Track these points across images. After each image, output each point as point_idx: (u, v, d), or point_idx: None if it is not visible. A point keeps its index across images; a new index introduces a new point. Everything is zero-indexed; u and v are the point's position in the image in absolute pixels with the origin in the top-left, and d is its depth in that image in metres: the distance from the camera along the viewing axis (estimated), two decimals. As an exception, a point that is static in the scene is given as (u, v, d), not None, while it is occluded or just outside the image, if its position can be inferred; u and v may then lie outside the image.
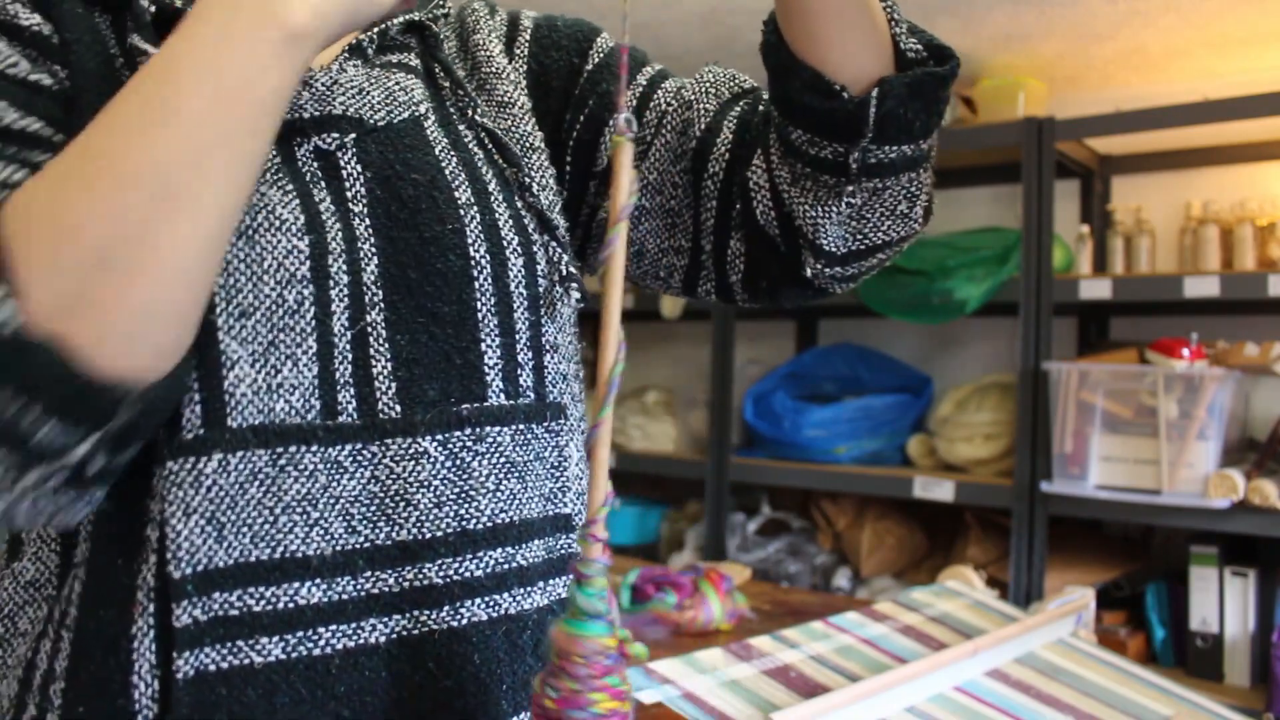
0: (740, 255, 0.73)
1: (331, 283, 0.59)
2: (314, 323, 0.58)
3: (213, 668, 0.53)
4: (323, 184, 0.61)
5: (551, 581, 0.65)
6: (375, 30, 0.69)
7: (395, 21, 0.70)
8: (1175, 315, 2.22)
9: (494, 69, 0.73)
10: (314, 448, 0.57)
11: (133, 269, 0.47)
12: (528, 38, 0.77)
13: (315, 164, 0.62)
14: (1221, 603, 1.90)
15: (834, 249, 0.69)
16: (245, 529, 0.55)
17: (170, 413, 0.54)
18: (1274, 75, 2.15)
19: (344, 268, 0.60)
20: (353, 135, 0.64)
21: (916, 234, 0.71)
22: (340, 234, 0.60)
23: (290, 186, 0.60)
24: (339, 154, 0.63)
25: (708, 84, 0.75)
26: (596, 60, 0.77)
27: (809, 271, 0.70)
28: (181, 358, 0.52)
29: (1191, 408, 1.84)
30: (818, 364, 2.53)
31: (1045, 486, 1.96)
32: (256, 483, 0.56)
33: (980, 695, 1.11)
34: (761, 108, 0.73)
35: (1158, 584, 2.03)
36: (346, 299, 0.59)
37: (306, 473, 0.57)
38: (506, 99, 0.72)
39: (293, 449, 0.57)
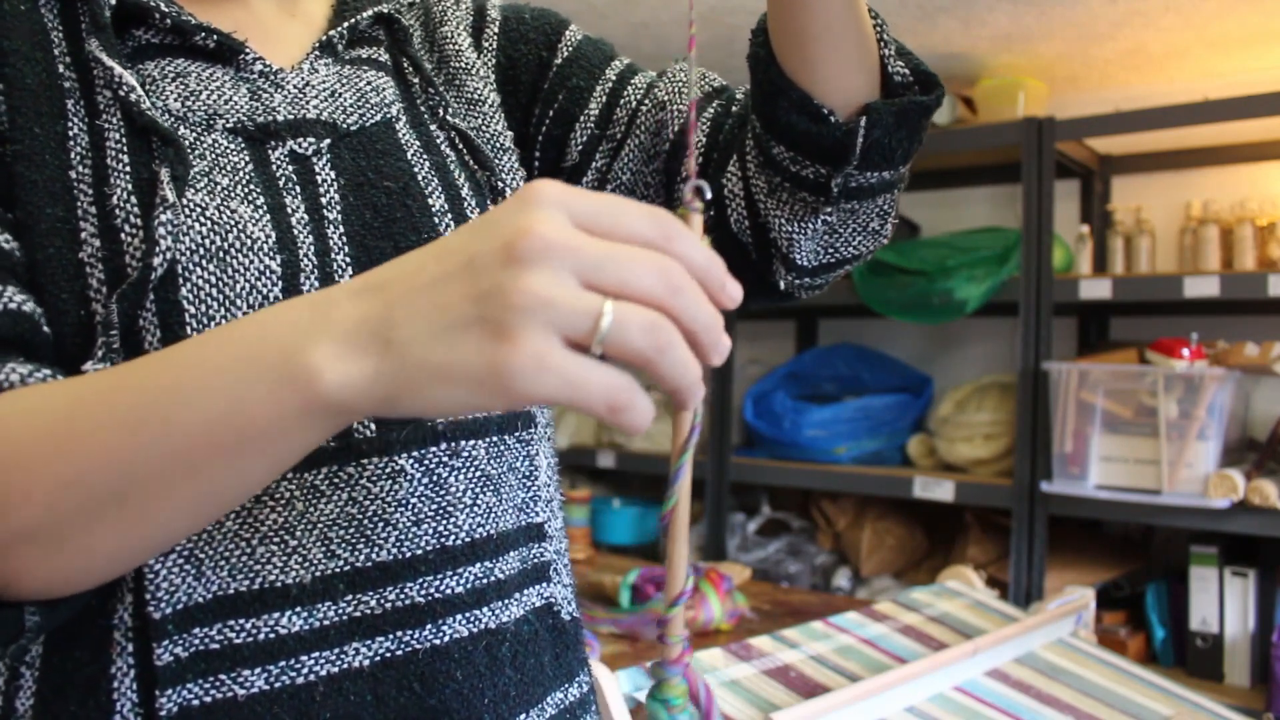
0: None
1: None
2: None
3: (196, 702, 0.53)
4: (297, 190, 0.59)
5: (526, 592, 0.64)
6: (346, 25, 0.67)
7: (364, 15, 0.69)
8: (1175, 315, 2.22)
9: (463, 64, 0.72)
10: (289, 475, 0.56)
11: (56, 550, 0.47)
12: (496, 30, 0.76)
13: (290, 168, 0.60)
14: (1221, 603, 1.90)
15: (805, 263, 0.70)
16: (223, 562, 0.54)
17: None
18: (1274, 75, 2.15)
19: (316, 285, 0.58)
20: (327, 140, 0.62)
21: (882, 247, 0.72)
22: (313, 248, 0.58)
23: (261, 200, 0.58)
24: (314, 159, 0.61)
25: (680, 84, 0.74)
26: (565, 54, 0.76)
27: (781, 284, 0.71)
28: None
29: (1191, 408, 1.84)
30: (818, 364, 2.53)
31: (1045, 486, 1.96)
32: (233, 515, 0.54)
33: (980, 695, 1.11)
34: (735, 109, 0.72)
35: (1158, 584, 2.03)
36: None
37: (283, 501, 0.55)
38: (476, 96, 0.71)
39: None
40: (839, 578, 2.36)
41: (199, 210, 0.55)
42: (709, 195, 0.48)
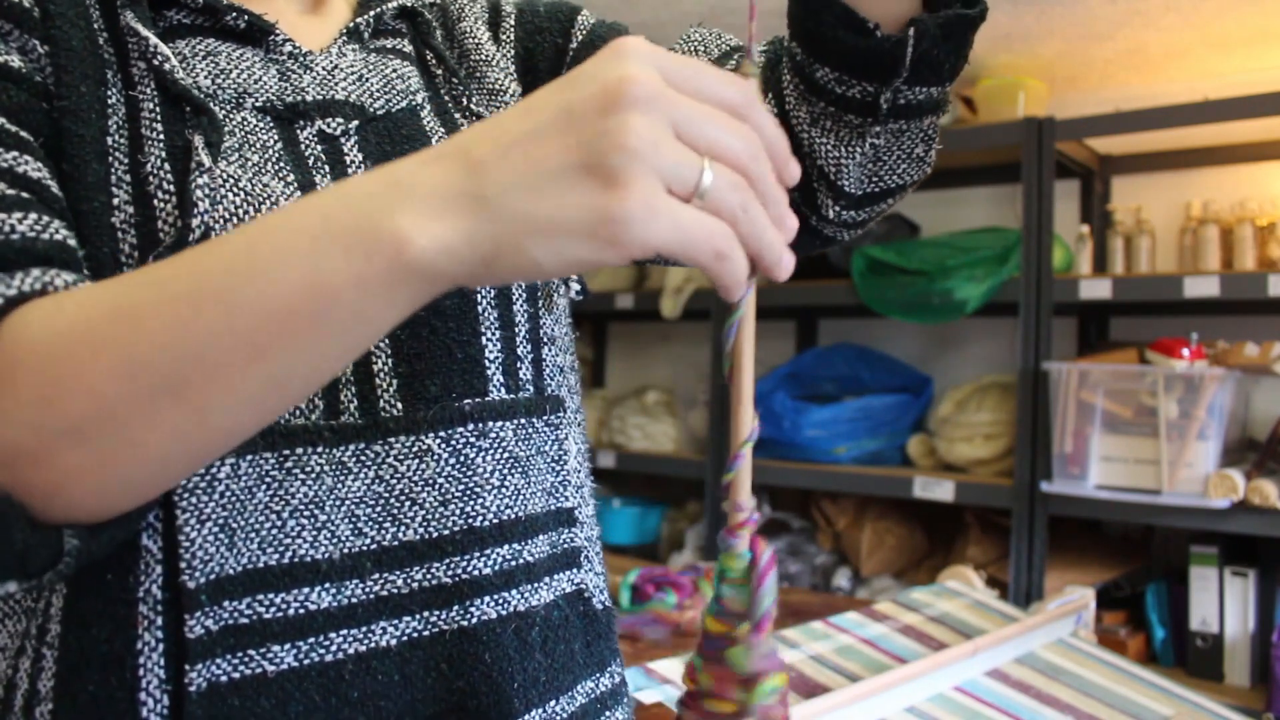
0: None
1: None
2: None
3: (225, 679, 0.52)
4: (326, 169, 0.60)
5: (556, 576, 0.64)
6: (372, 14, 0.69)
7: (389, 7, 0.70)
8: (1175, 315, 2.22)
9: (483, 56, 0.73)
10: (319, 449, 0.56)
11: (104, 450, 0.43)
12: (512, 23, 0.77)
13: (319, 148, 0.61)
14: (1221, 603, 1.90)
15: (853, 190, 0.68)
16: (254, 534, 0.54)
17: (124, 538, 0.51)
18: (1274, 75, 2.15)
19: None
20: (355, 122, 0.63)
21: (925, 177, 0.71)
22: None
23: (291, 176, 0.59)
24: (342, 139, 0.62)
25: (696, 43, 0.75)
26: (580, 39, 0.77)
27: (830, 213, 0.70)
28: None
29: (1191, 408, 1.84)
30: (818, 364, 2.53)
31: (1045, 486, 1.96)
32: (264, 486, 0.54)
33: (980, 695, 1.11)
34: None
35: (1158, 584, 2.03)
36: None
37: (313, 475, 0.55)
38: (498, 86, 0.72)
39: (299, 451, 0.55)
40: (839, 578, 2.36)
41: (232, 180, 0.56)
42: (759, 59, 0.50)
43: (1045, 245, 2.04)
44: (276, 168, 0.58)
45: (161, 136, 0.56)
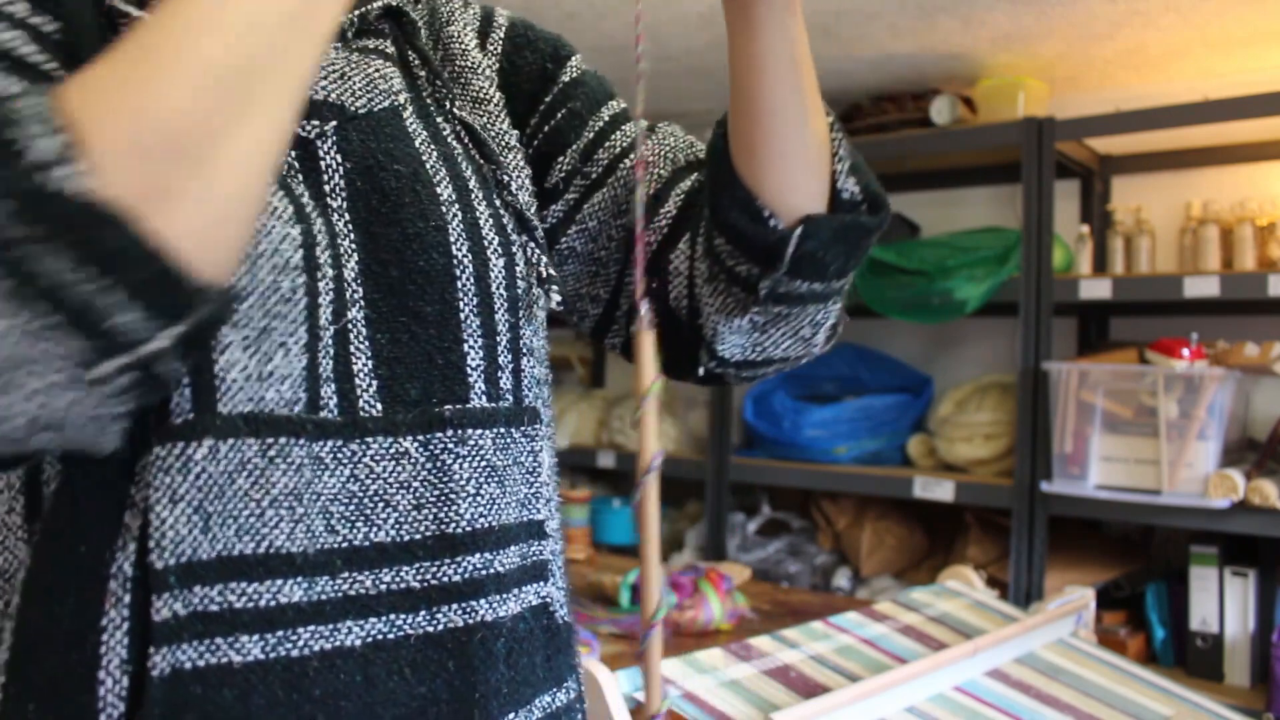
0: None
1: (320, 273, 0.57)
2: (304, 312, 0.57)
3: (189, 665, 0.52)
4: (300, 176, 0.60)
5: (524, 589, 0.64)
6: (355, 14, 0.68)
7: (374, 6, 0.69)
8: (1175, 315, 2.22)
9: (469, 63, 0.73)
10: (302, 441, 0.56)
11: (211, 162, 0.45)
12: (501, 35, 0.77)
13: (293, 153, 0.60)
14: (1221, 603, 1.91)
15: (729, 355, 0.71)
16: (231, 521, 0.54)
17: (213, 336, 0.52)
18: (1274, 75, 2.15)
19: (329, 260, 0.58)
20: (333, 123, 0.63)
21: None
22: (323, 226, 0.59)
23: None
24: (318, 143, 0.61)
25: (666, 147, 0.75)
26: (573, 75, 0.76)
27: (701, 369, 0.72)
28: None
29: (1191, 408, 1.84)
30: (818, 364, 2.53)
31: (1045, 486, 1.96)
32: (245, 473, 0.54)
33: (980, 695, 1.11)
34: None
35: (1158, 584, 2.03)
36: (332, 292, 0.58)
37: (294, 467, 0.55)
38: (482, 94, 0.72)
39: (283, 441, 0.55)
40: (839, 578, 2.36)
41: None
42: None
43: (1045, 245, 2.04)
44: None
45: None
